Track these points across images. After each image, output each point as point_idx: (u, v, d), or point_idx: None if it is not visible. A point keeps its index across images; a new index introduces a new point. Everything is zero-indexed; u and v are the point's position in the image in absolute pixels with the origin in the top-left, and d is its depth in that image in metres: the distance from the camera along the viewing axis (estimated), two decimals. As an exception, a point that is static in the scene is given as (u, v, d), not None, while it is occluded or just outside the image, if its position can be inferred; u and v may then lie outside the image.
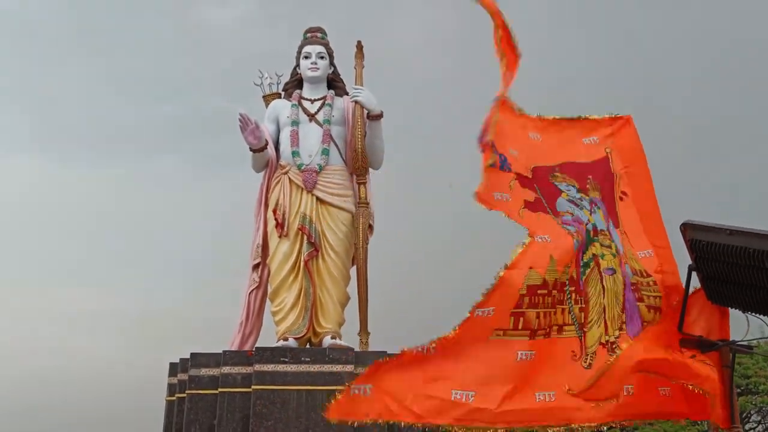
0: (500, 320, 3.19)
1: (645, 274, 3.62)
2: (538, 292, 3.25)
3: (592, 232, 3.53)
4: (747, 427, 20.35)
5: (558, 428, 3.37)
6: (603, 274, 3.51)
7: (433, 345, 3.13)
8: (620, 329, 3.50)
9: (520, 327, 3.22)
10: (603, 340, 3.46)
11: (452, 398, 3.15)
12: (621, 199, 3.77)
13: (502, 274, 3.20)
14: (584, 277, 3.47)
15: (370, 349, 7.48)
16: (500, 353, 3.21)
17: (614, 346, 3.45)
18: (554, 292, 3.29)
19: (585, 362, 3.43)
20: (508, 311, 3.19)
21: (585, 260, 3.48)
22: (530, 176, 3.68)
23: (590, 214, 3.60)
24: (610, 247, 3.55)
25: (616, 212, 3.71)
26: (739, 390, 20.58)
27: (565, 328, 3.38)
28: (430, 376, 3.14)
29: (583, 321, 3.41)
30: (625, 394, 3.34)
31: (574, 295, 3.41)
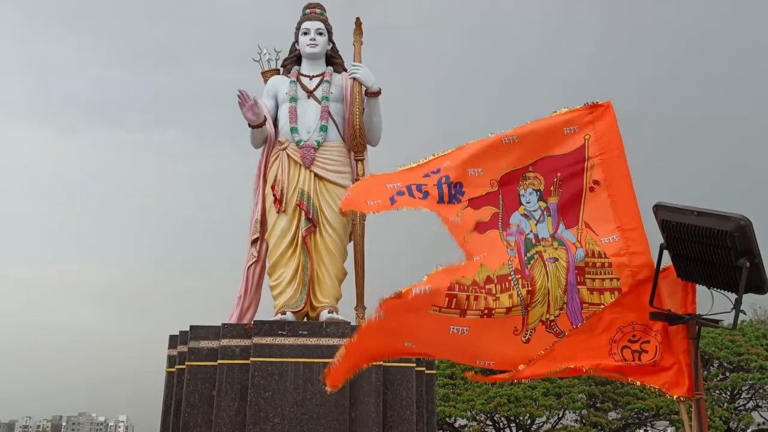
0: (436, 299, 3.73)
1: (603, 255, 3.99)
2: (466, 285, 3.81)
3: (533, 240, 4.07)
4: (738, 403, 20.66)
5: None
6: (546, 262, 3.97)
7: (382, 311, 3.70)
8: (561, 309, 3.94)
9: (453, 306, 3.76)
10: (543, 318, 3.93)
11: (404, 345, 3.87)
12: (591, 189, 4.05)
13: (437, 270, 3.81)
14: (529, 266, 3.96)
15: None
16: (436, 325, 3.79)
17: (552, 323, 3.94)
18: (488, 285, 3.85)
19: (524, 337, 3.91)
20: (443, 292, 3.73)
21: (528, 255, 3.99)
22: (495, 189, 4.14)
23: (536, 225, 4.09)
24: (552, 245, 4.05)
25: (579, 208, 4.03)
26: (731, 367, 20.85)
27: (513, 310, 3.89)
28: (384, 334, 3.80)
29: (529, 301, 3.90)
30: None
31: (520, 280, 3.90)
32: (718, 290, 3.35)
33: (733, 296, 3.22)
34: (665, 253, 3.55)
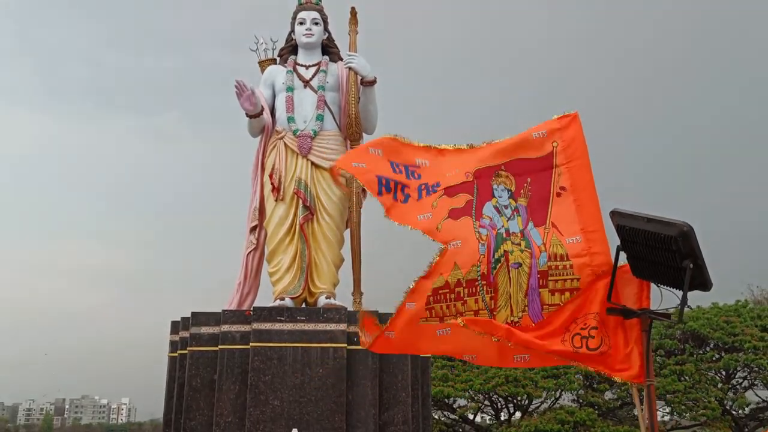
0: (420, 313, 4.22)
1: (566, 258, 4.20)
2: (440, 291, 4.23)
3: (504, 234, 4.33)
4: (733, 382, 20.88)
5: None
6: (510, 267, 4.25)
7: (393, 332, 4.26)
8: (523, 311, 4.24)
9: (432, 316, 4.25)
10: (508, 321, 4.23)
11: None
12: (558, 194, 4.28)
13: (417, 280, 4.22)
14: (495, 271, 4.24)
15: (363, 308, 7.78)
16: (427, 333, 4.28)
17: (517, 324, 4.26)
18: (458, 289, 4.22)
19: (494, 338, 4.18)
20: (423, 307, 4.22)
21: (496, 257, 4.25)
22: (471, 179, 4.39)
23: (507, 221, 4.36)
24: (519, 244, 4.31)
25: (547, 210, 4.26)
26: (725, 347, 21.07)
27: (480, 312, 4.24)
28: (396, 345, 4.38)
29: (492, 306, 4.24)
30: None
31: (485, 287, 4.22)
32: (667, 288, 3.65)
33: (681, 293, 3.52)
34: (622, 253, 3.85)
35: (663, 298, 3.67)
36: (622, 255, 3.86)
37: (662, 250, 3.54)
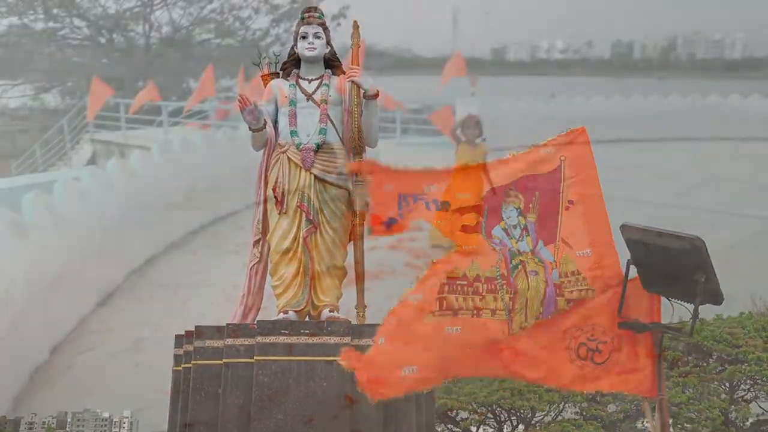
0: (429, 305, 4.12)
1: (576, 273, 4.17)
2: (457, 282, 4.16)
3: (516, 252, 4.39)
4: (736, 395, 20.81)
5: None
6: (528, 274, 4.30)
7: (382, 337, 4.08)
8: (536, 318, 4.29)
9: (444, 308, 4.15)
10: (522, 326, 4.28)
11: (401, 375, 4.21)
12: (567, 208, 4.33)
13: (428, 270, 4.15)
14: (514, 275, 4.29)
15: (367, 322, 7.79)
16: (433, 330, 4.16)
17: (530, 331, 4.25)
18: (476, 284, 4.19)
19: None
20: (433, 297, 4.12)
21: (514, 263, 4.33)
22: (479, 203, 4.37)
23: (516, 243, 4.44)
24: (533, 259, 4.36)
25: (556, 226, 4.32)
26: (729, 359, 21.01)
27: (498, 312, 4.24)
28: (381, 365, 4.23)
29: (512, 307, 4.26)
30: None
31: (505, 286, 4.24)
32: (679, 302, 3.69)
33: (692, 307, 3.56)
34: (632, 267, 3.91)
35: (673, 311, 3.72)
36: (633, 269, 3.91)
37: (673, 264, 3.59)
